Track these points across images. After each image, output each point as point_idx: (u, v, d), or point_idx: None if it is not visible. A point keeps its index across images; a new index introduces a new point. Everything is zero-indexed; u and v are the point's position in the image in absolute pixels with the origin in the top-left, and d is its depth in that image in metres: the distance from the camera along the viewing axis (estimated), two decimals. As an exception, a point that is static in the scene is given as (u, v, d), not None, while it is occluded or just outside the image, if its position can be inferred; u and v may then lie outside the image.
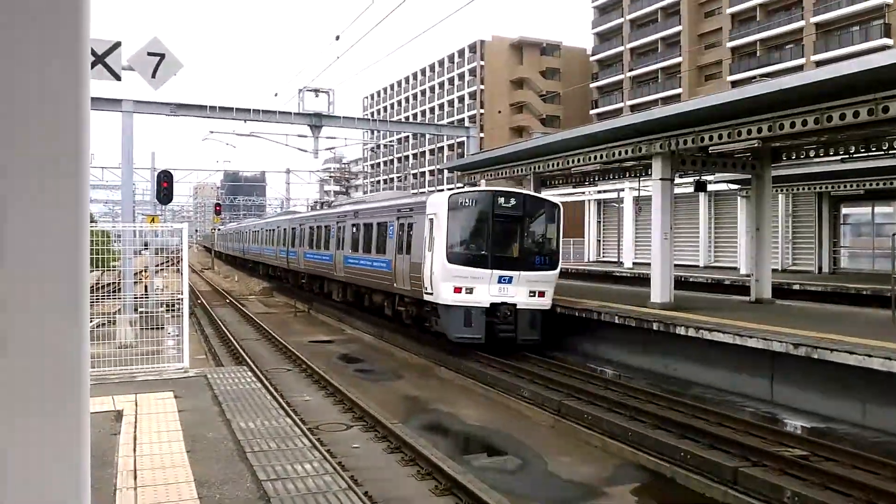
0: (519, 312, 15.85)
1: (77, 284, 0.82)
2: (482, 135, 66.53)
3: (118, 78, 8.33)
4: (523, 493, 8.10)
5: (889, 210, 27.23)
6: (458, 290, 15.70)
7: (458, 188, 19.68)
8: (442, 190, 35.89)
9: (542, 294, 16.08)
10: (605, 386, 13.18)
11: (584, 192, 39.39)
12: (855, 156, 18.44)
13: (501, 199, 16.24)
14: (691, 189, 21.99)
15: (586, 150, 18.02)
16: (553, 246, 16.40)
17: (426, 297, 16.40)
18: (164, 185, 20.05)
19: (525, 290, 15.95)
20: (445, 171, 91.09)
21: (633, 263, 33.83)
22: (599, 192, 38.70)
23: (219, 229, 67.62)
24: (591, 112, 69.60)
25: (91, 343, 1.34)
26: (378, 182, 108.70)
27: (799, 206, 28.87)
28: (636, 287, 23.76)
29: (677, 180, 20.12)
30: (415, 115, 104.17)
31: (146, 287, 22.53)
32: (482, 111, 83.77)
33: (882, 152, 16.10)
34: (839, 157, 20.78)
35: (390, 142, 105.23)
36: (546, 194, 19.23)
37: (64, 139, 0.83)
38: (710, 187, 25.59)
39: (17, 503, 0.79)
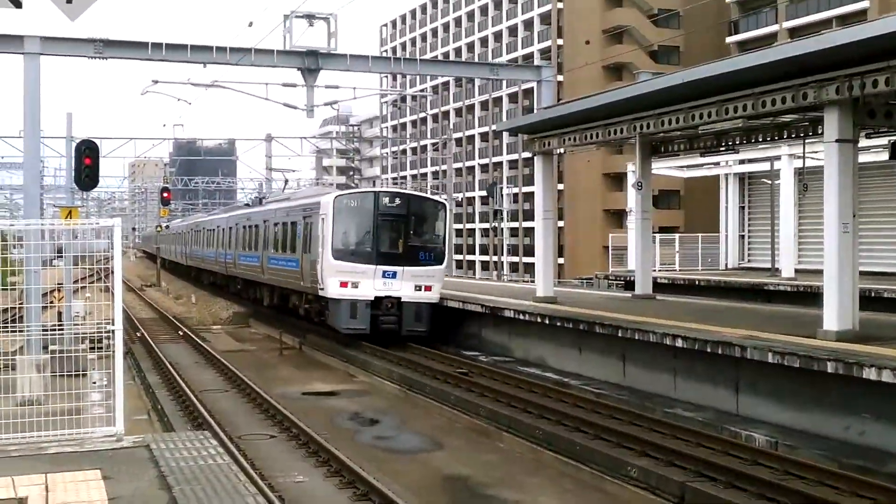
0: (404, 305, 25.23)
1: None
2: (561, 78, 66.29)
3: (18, 5, 8.35)
4: None
5: None
6: (344, 284, 25.07)
7: (348, 189, 29.17)
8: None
9: (428, 288, 25.57)
10: (753, 460, 12.98)
11: (717, 164, 39.05)
12: None
13: (386, 199, 25.75)
14: (885, 155, 21.87)
15: (721, 98, 18.04)
16: (439, 242, 26.12)
17: (320, 293, 25.82)
18: (87, 163, 20.41)
19: (410, 285, 25.37)
20: (505, 135, 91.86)
21: (796, 271, 33.30)
22: (742, 162, 38.27)
23: (167, 227, 68.91)
24: (729, 40, 68.67)
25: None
26: (404, 152, 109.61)
27: None
28: (799, 307, 23.78)
29: (863, 142, 19.72)
30: (457, 52, 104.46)
31: (60, 314, 22.91)
32: (560, 42, 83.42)
33: None
34: None
35: (421, 92, 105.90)
36: (659, 167, 20.12)
37: None
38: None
39: None
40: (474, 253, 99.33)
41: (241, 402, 19.78)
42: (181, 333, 32.03)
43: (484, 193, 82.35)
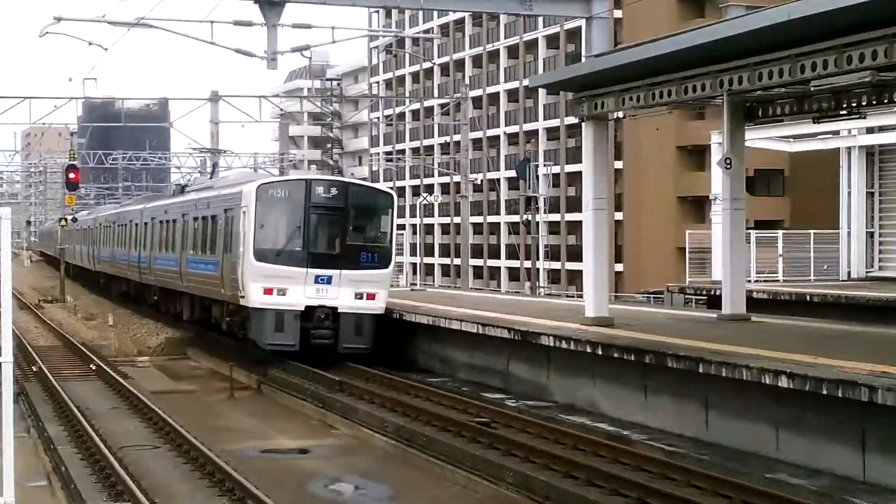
0: (341, 317, 27.48)
1: None
2: (618, 14, 66.08)
3: None
4: None
5: None
6: (268, 291, 27.25)
7: (272, 178, 31.99)
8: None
9: (371, 296, 28.04)
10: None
11: (835, 134, 38.95)
12: None
13: (320, 189, 27.84)
14: None
15: (843, 42, 17.98)
16: (384, 241, 28.50)
17: (241, 302, 28.09)
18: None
19: (349, 292, 27.72)
20: (541, 94, 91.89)
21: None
22: (871, 131, 38.15)
23: (74, 220, 69.08)
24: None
25: None
26: (402, 117, 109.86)
27: None
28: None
29: None
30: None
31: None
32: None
33: None
34: None
35: (426, 33, 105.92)
36: (756, 137, 20.56)
37: None
38: None
39: None
40: (498, 257, 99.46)
41: (176, 464, 19.81)
42: (94, 368, 32.09)
43: (512, 174, 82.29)
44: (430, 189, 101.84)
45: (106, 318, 46.17)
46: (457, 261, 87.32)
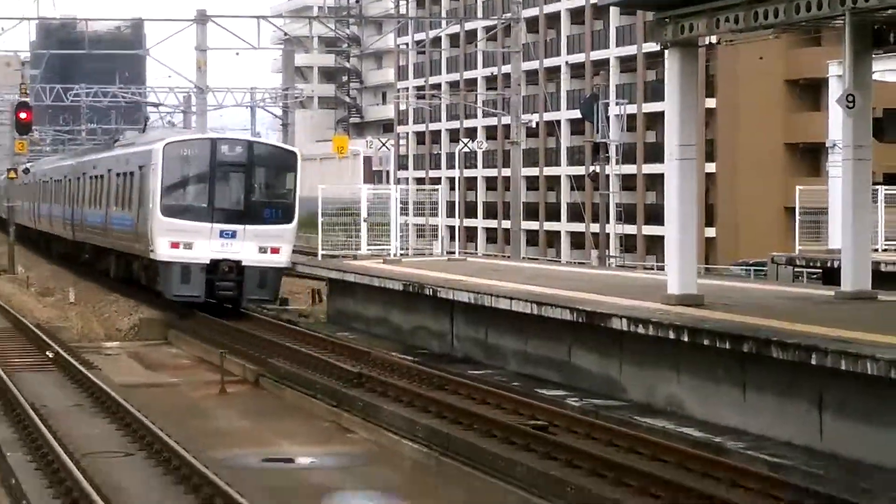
0: (246, 270, 36.02)
1: None
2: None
3: None
4: None
5: None
6: (175, 245, 35.75)
7: (180, 136, 42.29)
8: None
9: (275, 250, 36.53)
10: None
11: None
12: None
13: (224, 147, 36.91)
14: None
15: None
16: (289, 198, 37.29)
17: (151, 255, 36.85)
18: None
19: (254, 246, 36.15)
20: (613, 13, 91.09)
21: None
22: None
23: (26, 171, 69.54)
24: None
25: None
26: (437, 42, 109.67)
27: None
28: None
29: None
30: None
31: None
32: None
33: None
34: None
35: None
36: (887, 69, 20.36)
37: None
38: None
39: None
40: (557, 219, 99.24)
41: (155, 476, 19.87)
42: (51, 356, 32.28)
43: (576, 115, 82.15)
44: (471, 134, 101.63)
45: (66, 293, 46.38)
46: (505, 224, 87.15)
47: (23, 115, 53.56)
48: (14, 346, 34.52)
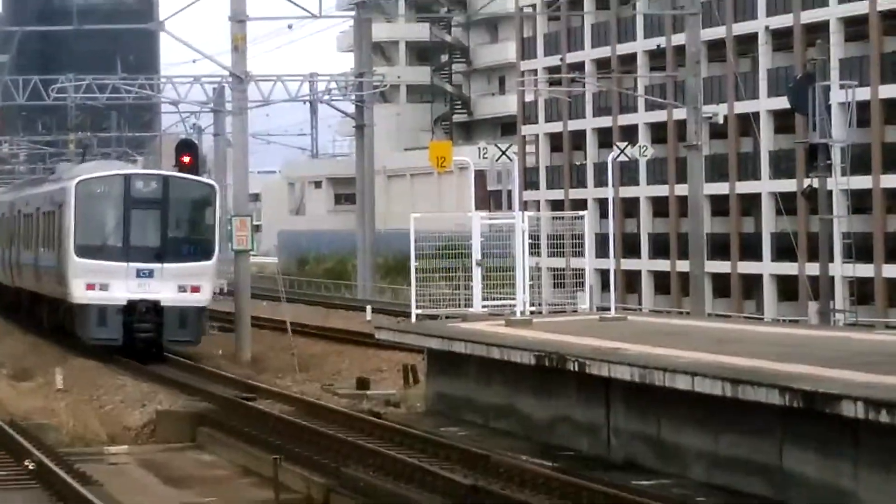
0: (165, 310, 49.06)
1: None
2: None
3: None
4: None
5: None
6: (91, 286, 48.56)
7: (94, 174, 53.88)
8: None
9: (195, 289, 49.55)
10: None
11: None
12: None
13: (139, 183, 50.48)
14: None
15: None
16: (208, 234, 50.36)
17: (68, 298, 50.91)
18: None
19: (173, 285, 49.19)
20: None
21: None
22: None
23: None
24: None
25: None
26: (577, 4, 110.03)
27: None
28: None
29: None
30: None
31: None
32: None
33: None
34: None
35: None
36: None
37: None
38: None
39: None
40: (758, 257, 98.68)
41: None
42: (31, 466, 32.59)
43: (782, 103, 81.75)
44: (630, 135, 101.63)
45: (51, 375, 46.82)
46: (682, 265, 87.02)
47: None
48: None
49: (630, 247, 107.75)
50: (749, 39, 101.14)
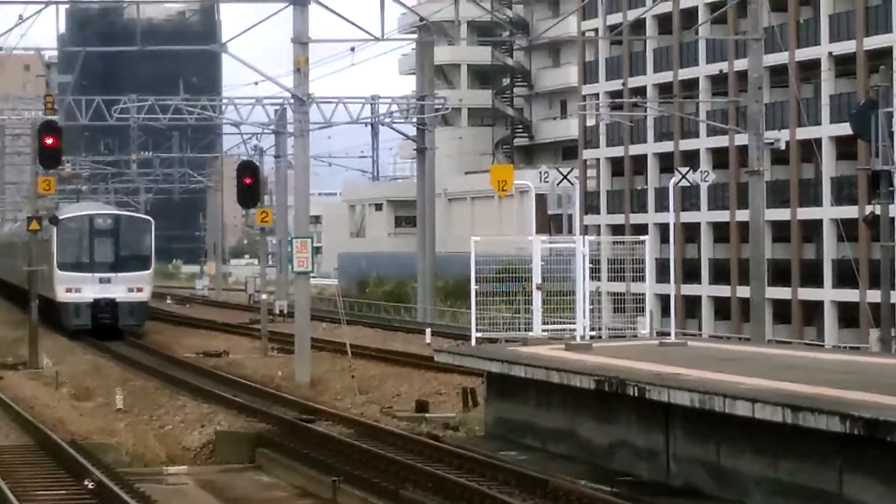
0: (119, 305, 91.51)
1: None
2: None
3: None
4: None
5: None
6: (69, 290, 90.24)
7: (69, 213, 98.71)
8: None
9: (139, 290, 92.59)
10: None
11: None
12: None
13: (100, 220, 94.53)
14: None
15: None
16: (147, 252, 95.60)
17: (54, 298, 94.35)
18: None
19: (124, 287, 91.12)
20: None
21: None
22: None
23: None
24: None
25: None
26: (639, 28, 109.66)
27: None
28: None
29: None
30: None
31: None
32: None
33: None
34: None
35: None
36: None
37: None
38: None
39: None
40: (819, 283, 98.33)
41: None
42: (91, 485, 32.60)
43: (845, 129, 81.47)
44: (691, 160, 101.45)
45: (111, 395, 46.81)
46: (743, 291, 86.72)
47: (49, 141, 53.46)
48: (37, 473, 34.78)
49: (690, 272, 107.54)
50: (812, 65, 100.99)
